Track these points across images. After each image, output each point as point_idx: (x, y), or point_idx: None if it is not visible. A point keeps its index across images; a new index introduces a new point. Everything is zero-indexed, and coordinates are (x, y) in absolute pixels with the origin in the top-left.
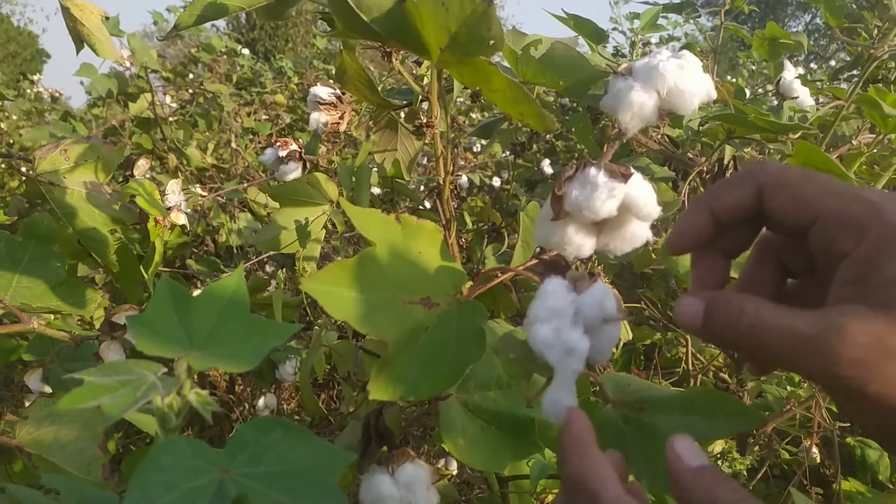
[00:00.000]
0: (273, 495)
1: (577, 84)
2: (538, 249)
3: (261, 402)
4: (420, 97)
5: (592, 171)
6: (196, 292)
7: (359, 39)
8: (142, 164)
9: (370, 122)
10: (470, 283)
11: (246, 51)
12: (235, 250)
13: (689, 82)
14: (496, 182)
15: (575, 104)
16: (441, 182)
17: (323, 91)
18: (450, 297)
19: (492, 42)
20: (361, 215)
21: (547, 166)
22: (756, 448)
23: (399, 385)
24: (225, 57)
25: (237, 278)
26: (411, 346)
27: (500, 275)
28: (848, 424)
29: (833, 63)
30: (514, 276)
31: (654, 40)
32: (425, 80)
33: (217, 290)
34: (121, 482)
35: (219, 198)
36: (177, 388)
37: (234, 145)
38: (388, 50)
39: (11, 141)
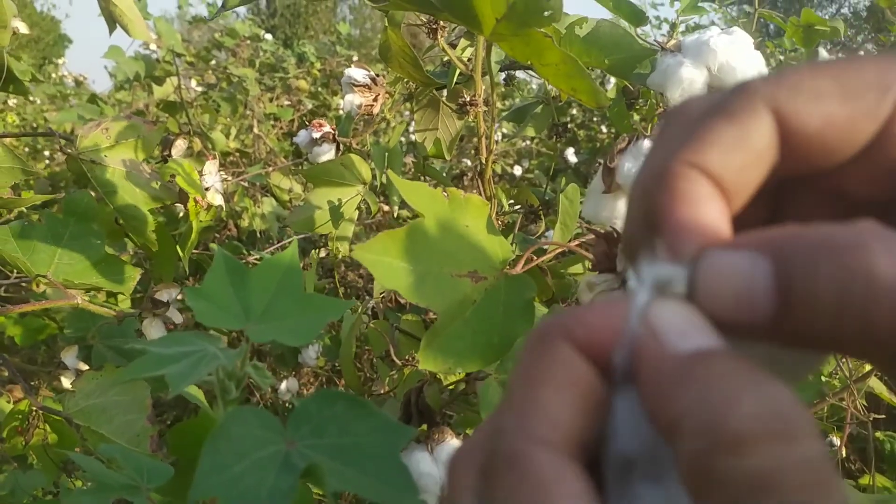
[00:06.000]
0: (339, 467)
1: (623, 62)
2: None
3: (283, 385)
4: (454, 78)
5: (646, 142)
6: None
7: (410, 11)
8: (179, 144)
9: (411, 103)
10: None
11: (269, 36)
12: (259, 235)
13: (741, 58)
14: (517, 171)
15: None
16: (483, 161)
17: (357, 73)
18: (497, 272)
19: (549, 13)
20: (410, 188)
21: (571, 155)
22: None
23: (448, 357)
24: (248, 42)
25: (291, 253)
26: (458, 318)
27: (534, 257)
28: (883, 416)
29: (862, 54)
30: (550, 260)
31: (681, 29)
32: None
33: (271, 265)
34: (168, 455)
35: (242, 182)
36: (238, 359)
37: (256, 130)
38: (434, 26)
39: (35, 125)
